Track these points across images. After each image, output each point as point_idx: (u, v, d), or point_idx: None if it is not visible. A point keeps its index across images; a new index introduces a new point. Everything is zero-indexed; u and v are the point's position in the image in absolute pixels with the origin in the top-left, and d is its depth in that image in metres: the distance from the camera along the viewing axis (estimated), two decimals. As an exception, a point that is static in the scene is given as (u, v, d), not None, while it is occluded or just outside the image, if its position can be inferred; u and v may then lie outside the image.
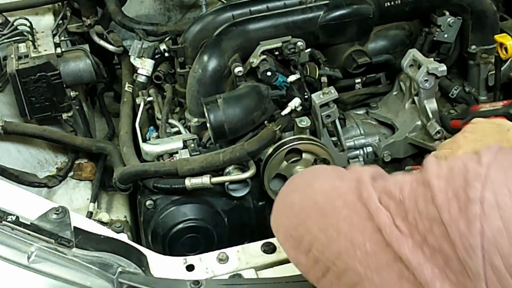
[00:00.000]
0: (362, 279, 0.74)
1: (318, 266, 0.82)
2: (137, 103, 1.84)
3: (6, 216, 1.02)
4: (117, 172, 1.61)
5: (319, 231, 0.81)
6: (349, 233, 0.76)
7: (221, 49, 1.67)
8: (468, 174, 0.68)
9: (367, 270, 0.74)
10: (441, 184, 0.69)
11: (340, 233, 0.77)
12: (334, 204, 0.81)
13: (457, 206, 0.66)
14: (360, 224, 0.76)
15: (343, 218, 0.78)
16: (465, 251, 0.65)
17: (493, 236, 0.63)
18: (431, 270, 0.68)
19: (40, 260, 0.98)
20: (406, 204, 0.72)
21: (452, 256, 0.66)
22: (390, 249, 0.71)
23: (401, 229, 0.71)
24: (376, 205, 0.74)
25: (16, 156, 1.83)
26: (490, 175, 0.66)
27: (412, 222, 0.70)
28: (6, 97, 1.91)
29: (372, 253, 0.73)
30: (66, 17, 2.13)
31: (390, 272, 0.72)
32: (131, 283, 1.01)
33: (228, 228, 1.58)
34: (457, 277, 0.66)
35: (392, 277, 0.71)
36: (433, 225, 0.68)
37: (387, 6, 1.75)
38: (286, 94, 1.63)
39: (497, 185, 0.65)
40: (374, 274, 0.73)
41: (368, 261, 0.74)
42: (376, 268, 0.73)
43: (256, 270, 1.17)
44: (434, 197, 0.69)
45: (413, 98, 1.71)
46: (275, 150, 1.53)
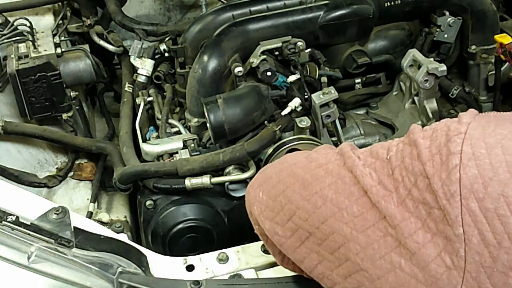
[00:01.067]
0: (348, 240, 0.79)
1: (296, 234, 0.86)
2: (137, 103, 1.83)
3: (6, 216, 1.02)
4: (117, 172, 1.61)
5: (302, 199, 0.86)
6: (335, 198, 0.81)
7: (221, 49, 1.67)
8: (450, 131, 0.74)
9: (353, 231, 0.78)
10: (426, 142, 0.75)
11: (326, 199, 0.82)
12: (316, 173, 0.86)
13: (439, 159, 0.72)
14: (345, 189, 0.81)
15: (328, 185, 0.83)
16: (446, 199, 0.70)
17: (469, 182, 0.69)
18: (414, 223, 0.73)
19: (40, 260, 0.98)
20: (393, 162, 0.78)
21: (434, 206, 0.72)
22: (375, 209, 0.77)
23: (387, 185, 0.77)
24: (361, 170, 0.80)
25: (16, 156, 1.83)
26: (469, 131, 0.73)
27: (398, 178, 0.76)
28: (6, 97, 1.91)
29: (359, 214, 0.78)
30: (66, 17, 2.13)
31: (375, 230, 0.76)
32: (131, 283, 1.01)
33: (228, 228, 1.58)
34: (438, 226, 0.71)
35: (377, 235, 0.76)
36: (418, 178, 0.74)
37: (387, 6, 1.75)
38: (286, 94, 1.63)
39: (475, 140, 0.72)
40: (360, 234, 0.78)
41: (355, 222, 0.78)
42: (362, 228, 0.78)
43: (256, 270, 1.17)
44: (420, 153, 0.75)
45: (413, 98, 1.71)
46: (275, 150, 1.53)
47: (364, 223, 0.77)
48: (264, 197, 0.93)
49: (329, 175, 0.84)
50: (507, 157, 0.70)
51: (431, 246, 0.71)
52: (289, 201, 0.88)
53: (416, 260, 0.72)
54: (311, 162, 0.90)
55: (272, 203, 0.91)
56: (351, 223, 0.79)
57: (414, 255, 0.72)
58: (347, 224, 0.79)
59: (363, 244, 0.77)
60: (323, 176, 0.85)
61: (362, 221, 0.78)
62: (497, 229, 0.67)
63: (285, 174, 0.92)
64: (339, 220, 0.80)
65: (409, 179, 0.75)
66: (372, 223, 0.77)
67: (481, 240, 0.68)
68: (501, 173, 0.69)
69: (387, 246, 0.75)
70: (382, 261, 0.75)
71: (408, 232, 0.73)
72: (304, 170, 0.89)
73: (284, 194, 0.89)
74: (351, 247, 0.79)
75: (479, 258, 0.68)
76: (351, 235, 0.78)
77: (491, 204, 0.68)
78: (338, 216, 0.80)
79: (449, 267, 0.70)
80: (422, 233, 0.72)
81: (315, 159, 0.90)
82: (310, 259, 0.85)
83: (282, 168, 0.95)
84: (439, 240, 0.71)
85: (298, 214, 0.86)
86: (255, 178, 1.00)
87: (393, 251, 0.75)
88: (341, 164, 0.83)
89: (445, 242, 0.70)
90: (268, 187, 0.94)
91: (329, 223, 0.81)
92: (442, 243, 0.71)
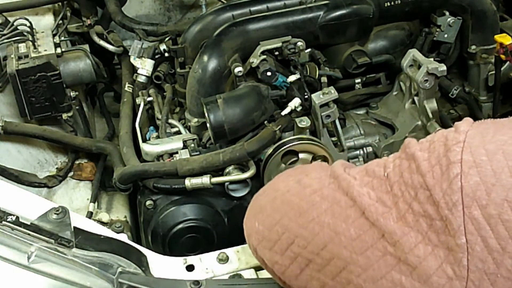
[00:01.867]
0: (348, 263, 0.78)
1: (296, 262, 0.85)
2: (137, 103, 1.83)
3: (6, 216, 1.02)
4: (117, 172, 1.61)
5: (299, 227, 0.85)
6: (332, 223, 0.80)
7: (221, 49, 1.67)
8: (448, 141, 0.73)
9: (352, 254, 0.78)
10: (424, 154, 0.75)
11: (323, 225, 0.81)
12: (311, 200, 0.86)
13: (439, 170, 0.72)
14: (342, 213, 0.80)
15: (324, 211, 0.82)
16: (448, 209, 0.70)
17: (472, 190, 0.69)
18: (415, 237, 0.73)
19: (40, 260, 0.98)
20: (391, 178, 0.77)
21: (435, 217, 0.71)
22: (373, 229, 0.76)
23: (385, 202, 0.76)
24: (357, 190, 0.79)
25: (16, 156, 1.83)
26: (468, 139, 0.73)
27: (397, 193, 0.75)
28: (6, 97, 1.91)
29: (356, 236, 0.78)
30: (66, 17, 2.13)
31: (374, 251, 0.76)
32: (131, 283, 1.01)
33: (228, 228, 1.58)
34: (439, 237, 0.71)
35: (377, 255, 0.76)
36: (418, 191, 0.73)
37: (387, 6, 1.75)
38: (286, 94, 1.63)
39: (475, 147, 0.71)
40: (359, 257, 0.77)
41: (353, 245, 0.78)
42: (361, 250, 0.77)
43: (256, 270, 1.16)
44: (418, 166, 0.74)
45: (413, 98, 1.71)
46: (275, 150, 1.53)
47: (362, 245, 0.77)
48: (260, 227, 0.93)
49: (325, 201, 0.83)
50: (509, 162, 0.69)
51: (432, 258, 0.71)
52: (286, 229, 0.87)
53: (417, 275, 0.72)
54: (305, 188, 0.89)
55: (268, 233, 0.90)
56: (350, 246, 0.78)
57: (415, 270, 0.72)
58: (346, 248, 0.79)
59: (364, 266, 0.77)
60: (319, 202, 0.84)
61: (361, 243, 0.77)
62: (501, 235, 0.67)
63: (279, 203, 0.92)
64: (337, 244, 0.79)
65: (409, 193, 0.74)
66: (370, 244, 0.76)
67: (485, 247, 0.68)
68: (504, 178, 0.68)
69: (387, 265, 0.75)
70: (384, 281, 0.75)
71: (408, 247, 0.73)
72: (298, 197, 0.89)
73: (281, 223, 0.88)
74: (352, 270, 0.78)
75: (482, 266, 0.68)
76: (350, 258, 0.78)
77: (494, 210, 0.68)
78: (336, 240, 0.80)
79: (451, 277, 0.70)
80: (423, 246, 0.72)
81: (309, 184, 0.89)
82: (312, 286, 0.85)
83: (276, 196, 0.94)
84: (441, 251, 0.71)
85: (297, 242, 0.85)
86: (250, 209, 0.99)
87: (393, 269, 0.74)
88: (336, 188, 0.83)
89: (447, 253, 0.70)
90: (263, 217, 0.93)
91: (328, 248, 0.81)
92: (444, 254, 0.70)
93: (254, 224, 0.94)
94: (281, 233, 0.88)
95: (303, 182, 0.91)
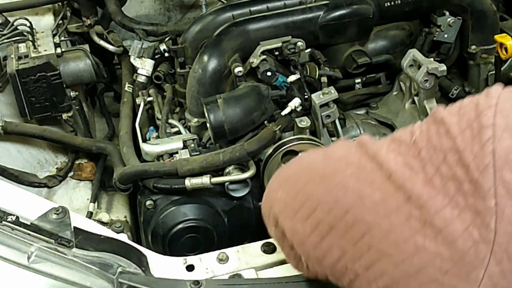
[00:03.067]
0: (371, 227, 0.78)
1: (317, 230, 0.85)
2: (137, 103, 1.84)
3: (6, 216, 1.02)
4: (117, 172, 1.61)
5: (323, 193, 0.85)
6: (356, 188, 0.80)
7: (221, 49, 1.67)
8: (479, 106, 0.73)
9: (375, 218, 0.78)
10: (453, 118, 0.74)
11: (347, 190, 0.81)
12: (336, 166, 0.86)
13: (470, 133, 0.71)
14: (367, 177, 0.80)
15: (349, 176, 0.82)
16: (478, 171, 0.69)
17: (504, 153, 0.68)
18: (442, 200, 0.72)
19: (40, 260, 0.98)
20: (418, 144, 0.76)
21: (464, 180, 0.71)
22: (399, 193, 0.76)
23: (413, 166, 0.75)
24: (384, 156, 0.79)
25: (16, 156, 1.83)
26: (499, 104, 0.72)
27: (425, 157, 0.75)
28: (6, 97, 1.91)
29: (380, 201, 0.77)
30: (66, 17, 2.13)
31: (398, 215, 0.75)
32: (131, 283, 1.01)
33: (228, 228, 1.58)
34: (467, 200, 0.70)
35: (400, 219, 0.75)
36: (447, 154, 0.73)
37: (387, 6, 1.75)
38: (286, 94, 1.63)
39: (507, 111, 0.71)
40: (382, 221, 0.77)
41: (377, 209, 0.77)
42: (385, 214, 0.77)
43: (256, 270, 1.16)
44: (448, 130, 0.74)
45: (413, 98, 1.71)
46: (275, 150, 1.53)
47: (386, 209, 0.77)
48: (283, 196, 0.93)
49: (350, 166, 0.83)
50: None
51: (458, 221, 0.71)
52: (310, 196, 0.87)
53: (442, 238, 0.72)
54: (330, 157, 0.90)
55: (292, 201, 0.90)
56: (373, 210, 0.78)
57: (440, 233, 0.72)
58: (370, 212, 0.78)
59: (387, 230, 0.77)
60: (344, 168, 0.84)
61: (385, 207, 0.77)
62: None
63: (303, 172, 0.92)
64: (361, 208, 0.79)
65: (438, 156, 0.74)
66: (394, 208, 0.76)
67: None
68: None
69: (410, 229, 0.74)
70: (406, 245, 0.75)
71: (434, 209, 0.72)
72: (323, 164, 0.89)
73: (304, 190, 0.89)
74: (375, 234, 0.78)
75: (511, 229, 0.68)
76: (374, 222, 0.78)
77: None
78: (360, 205, 0.79)
79: (477, 241, 0.70)
80: (450, 209, 0.72)
81: (334, 152, 0.90)
82: (332, 254, 0.84)
83: (300, 166, 0.95)
84: (468, 214, 0.70)
85: (320, 208, 0.85)
86: (272, 181, 1.00)
87: (417, 233, 0.74)
88: (362, 154, 0.83)
89: (474, 216, 0.70)
90: (287, 186, 0.93)
91: (352, 213, 0.80)
92: (471, 218, 0.70)
93: (277, 194, 0.94)
94: (305, 200, 0.88)
95: (328, 152, 0.92)
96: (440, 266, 0.72)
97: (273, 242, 1.24)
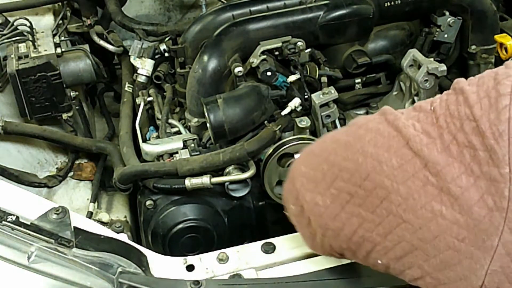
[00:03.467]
0: (389, 192, 0.79)
1: (337, 200, 0.86)
2: (137, 103, 1.84)
3: (6, 216, 1.02)
4: (117, 172, 1.61)
5: (344, 160, 0.86)
6: (375, 153, 0.81)
7: (221, 49, 1.67)
8: (498, 75, 0.74)
9: (393, 183, 0.78)
10: (472, 88, 0.75)
11: (366, 156, 0.82)
12: (357, 134, 0.87)
13: (488, 102, 0.72)
14: (385, 143, 0.81)
15: (367, 141, 0.83)
16: (493, 138, 0.70)
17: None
18: (458, 168, 0.73)
19: (40, 260, 0.98)
20: (437, 111, 0.78)
21: (479, 148, 0.71)
22: (416, 159, 0.76)
23: (430, 133, 0.76)
24: (403, 122, 0.80)
25: (16, 156, 1.83)
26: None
27: (443, 124, 0.76)
28: (6, 97, 1.91)
29: (398, 166, 0.78)
30: (66, 17, 2.13)
31: (415, 180, 0.76)
32: (131, 283, 1.01)
33: (228, 228, 1.58)
34: (482, 168, 0.71)
35: (418, 185, 0.76)
36: (464, 122, 0.73)
37: (387, 6, 1.75)
38: (286, 94, 1.63)
39: None
40: (400, 186, 0.77)
41: (395, 174, 0.78)
42: (402, 180, 0.77)
43: (256, 270, 1.16)
44: (466, 98, 0.74)
45: (413, 98, 1.71)
46: (275, 150, 1.53)
47: (404, 175, 0.77)
48: (306, 169, 0.94)
49: (369, 132, 0.85)
50: None
51: (473, 189, 0.71)
52: (331, 165, 0.88)
53: (458, 205, 0.72)
54: (352, 126, 0.91)
55: (314, 173, 0.92)
56: (391, 175, 0.79)
57: (457, 200, 0.72)
58: (388, 177, 0.79)
59: (404, 195, 0.77)
60: (364, 134, 0.85)
61: (402, 173, 0.78)
62: None
63: (327, 143, 0.94)
64: (379, 173, 0.80)
65: (454, 124, 0.74)
66: (412, 174, 0.77)
67: None
68: None
69: (427, 195, 0.75)
70: (423, 211, 0.75)
71: (451, 177, 0.73)
72: (345, 134, 0.91)
73: (327, 160, 0.90)
74: (393, 200, 0.79)
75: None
76: (392, 187, 0.78)
77: None
78: (378, 169, 0.80)
79: (491, 208, 0.70)
80: (466, 177, 0.72)
81: (356, 122, 0.91)
82: (350, 224, 0.85)
83: (324, 139, 0.97)
84: (482, 182, 0.71)
85: (340, 176, 0.86)
86: (298, 158, 1.02)
87: (434, 199, 0.74)
88: (382, 121, 0.84)
89: (488, 184, 0.70)
90: (310, 159, 0.95)
91: (371, 178, 0.81)
92: (485, 186, 0.71)
93: (301, 168, 0.96)
94: (326, 170, 0.89)
95: (351, 123, 0.93)
96: (456, 233, 0.73)
97: (273, 242, 1.24)
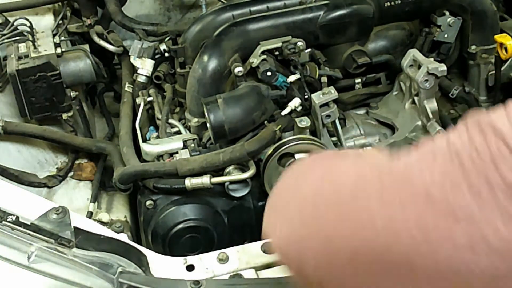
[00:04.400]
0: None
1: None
2: (137, 103, 1.83)
3: (6, 216, 1.02)
4: (117, 172, 1.61)
5: (338, 227, 0.69)
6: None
7: (221, 49, 1.67)
8: None
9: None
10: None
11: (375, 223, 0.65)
12: (348, 188, 0.70)
13: None
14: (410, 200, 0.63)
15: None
16: None
17: None
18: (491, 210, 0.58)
19: (40, 260, 0.98)
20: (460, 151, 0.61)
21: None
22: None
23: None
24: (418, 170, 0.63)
25: (16, 156, 1.82)
26: None
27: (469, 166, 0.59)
28: (6, 97, 1.91)
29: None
30: (66, 17, 2.13)
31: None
32: (131, 283, 1.01)
33: (228, 228, 1.58)
34: None
35: None
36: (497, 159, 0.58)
37: (387, 6, 1.75)
38: (286, 94, 1.63)
39: None
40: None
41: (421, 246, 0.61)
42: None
43: (256, 270, 1.16)
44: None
45: (413, 98, 1.71)
46: (275, 150, 1.53)
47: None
48: (285, 232, 0.78)
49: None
50: None
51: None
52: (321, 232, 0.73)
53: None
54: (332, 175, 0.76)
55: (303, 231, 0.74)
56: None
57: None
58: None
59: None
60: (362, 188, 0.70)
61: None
62: None
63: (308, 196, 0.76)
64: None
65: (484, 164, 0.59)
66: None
67: None
68: None
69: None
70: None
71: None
72: (328, 186, 0.74)
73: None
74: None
75: None
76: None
77: None
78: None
79: None
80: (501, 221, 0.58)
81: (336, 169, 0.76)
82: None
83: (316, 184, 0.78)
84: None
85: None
86: (268, 210, 0.85)
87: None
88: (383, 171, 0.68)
89: None
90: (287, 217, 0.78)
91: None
92: None
93: (275, 229, 0.81)
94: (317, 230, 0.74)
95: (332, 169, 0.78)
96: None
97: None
